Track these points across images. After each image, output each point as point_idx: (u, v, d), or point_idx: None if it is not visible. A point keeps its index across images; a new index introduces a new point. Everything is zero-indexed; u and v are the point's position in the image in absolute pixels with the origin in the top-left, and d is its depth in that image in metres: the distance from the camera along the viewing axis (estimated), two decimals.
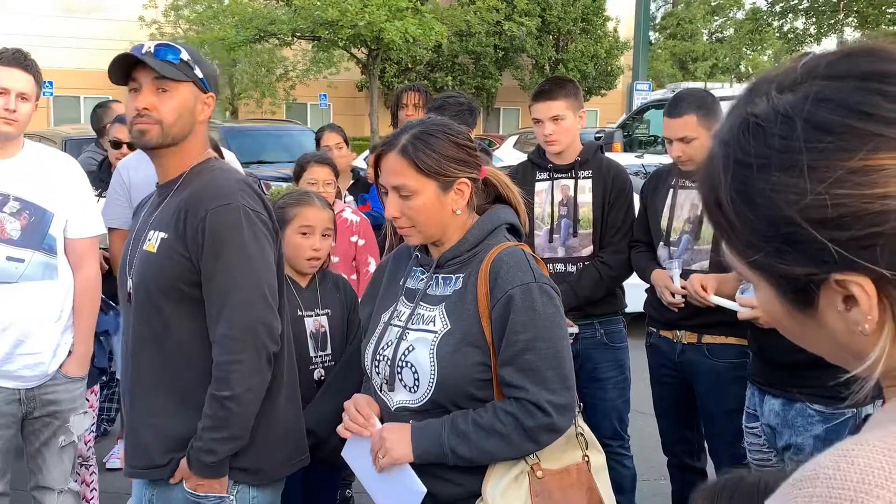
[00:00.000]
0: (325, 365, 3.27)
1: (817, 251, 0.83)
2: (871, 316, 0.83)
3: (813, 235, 0.82)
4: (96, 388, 4.35)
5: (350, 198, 5.41)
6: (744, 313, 3.15)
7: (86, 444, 4.28)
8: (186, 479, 2.45)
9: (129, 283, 2.52)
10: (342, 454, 2.49)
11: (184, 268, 2.41)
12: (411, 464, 2.25)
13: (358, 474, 2.49)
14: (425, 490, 2.24)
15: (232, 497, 2.48)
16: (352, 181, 5.97)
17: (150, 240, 2.48)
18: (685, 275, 3.73)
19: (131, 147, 5.02)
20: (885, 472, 0.74)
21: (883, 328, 0.84)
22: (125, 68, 2.46)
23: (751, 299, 3.10)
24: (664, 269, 3.82)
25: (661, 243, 3.86)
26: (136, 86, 2.46)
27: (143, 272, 2.47)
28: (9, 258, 3.24)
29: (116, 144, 5.06)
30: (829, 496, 0.74)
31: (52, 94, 23.66)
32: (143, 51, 2.43)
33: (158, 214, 2.51)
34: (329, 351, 3.29)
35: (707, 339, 3.75)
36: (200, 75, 2.50)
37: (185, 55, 2.46)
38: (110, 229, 4.10)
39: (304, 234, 3.29)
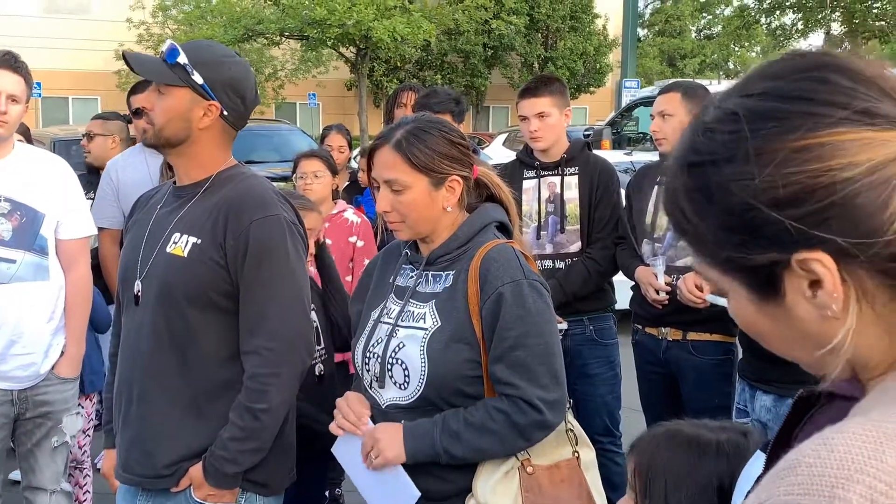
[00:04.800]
0: (322, 359, 3.30)
1: (776, 233, 0.86)
2: (837, 294, 0.86)
3: (770, 216, 0.86)
4: (93, 395, 4.34)
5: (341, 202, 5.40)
6: None
7: (80, 448, 4.28)
8: (197, 489, 2.39)
9: (138, 285, 2.45)
10: (332, 451, 2.48)
11: (217, 275, 2.36)
12: (403, 464, 2.26)
13: (349, 472, 2.48)
14: (419, 494, 2.24)
15: None
16: (347, 182, 5.97)
17: (175, 242, 2.40)
18: (670, 271, 3.76)
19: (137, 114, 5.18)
20: (864, 458, 0.75)
21: (848, 309, 0.87)
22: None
23: None
24: (648, 265, 3.85)
25: (646, 240, 3.89)
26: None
27: (168, 276, 2.39)
28: (0, 259, 3.25)
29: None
30: (810, 483, 0.76)
31: (40, 95, 23.59)
32: (163, 50, 2.44)
33: (184, 217, 2.43)
34: (322, 345, 3.31)
35: (692, 335, 3.78)
36: (200, 81, 2.39)
37: (182, 58, 2.38)
38: (100, 229, 4.10)
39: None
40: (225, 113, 2.45)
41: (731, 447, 1.77)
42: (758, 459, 1.28)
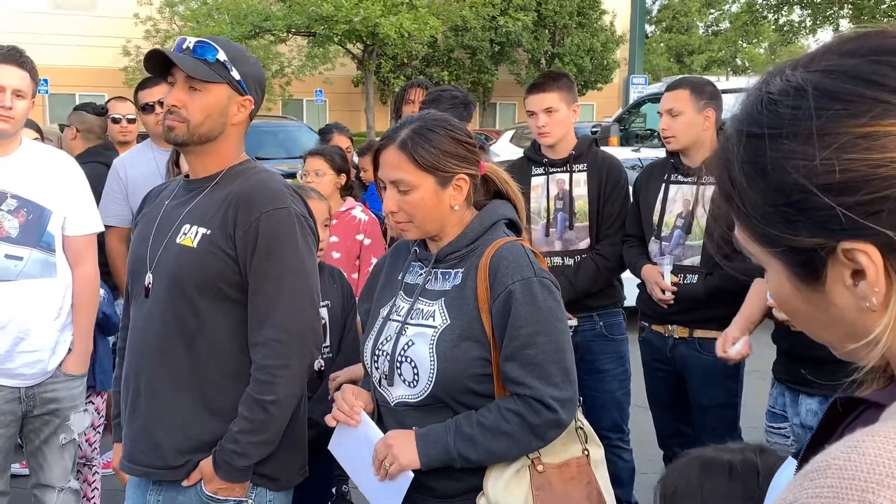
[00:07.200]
0: (325, 356, 3.28)
1: (826, 218, 0.84)
2: (878, 288, 0.84)
3: (822, 200, 0.83)
4: (103, 391, 4.33)
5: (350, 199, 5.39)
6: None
7: (89, 444, 4.28)
8: (207, 482, 2.40)
9: (149, 277, 2.46)
10: (329, 448, 2.47)
11: (226, 266, 2.38)
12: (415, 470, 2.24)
13: (344, 465, 2.48)
14: (412, 475, 2.24)
15: (250, 501, 2.45)
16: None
17: (185, 234, 2.42)
18: (676, 270, 3.75)
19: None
20: (895, 463, 0.74)
21: (889, 304, 0.85)
22: (164, 61, 2.44)
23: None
24: (655, 264, 3.84)
25: (653, 238, 3.87)
26: (173, 80, 2.45)
27: (177, 267, 2.41)
28: (7, 256, 3.24)
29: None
30: (840, 486, 0.75)
31: (47, 91, 23.63)
32: (184, 46, 2.43)
33: (194, 209, 2.46)
34: (328, 343, 3.30)
35: (699, 333, 3.77)
36: (238, 77, 2.45)
37: (222, 55, 2.42)
38: (107, 226, 4.09)
39: None
40: (253, 108, 2.52)
41: (748, 467, 1.76)
42: (789, 466, 1.26)
